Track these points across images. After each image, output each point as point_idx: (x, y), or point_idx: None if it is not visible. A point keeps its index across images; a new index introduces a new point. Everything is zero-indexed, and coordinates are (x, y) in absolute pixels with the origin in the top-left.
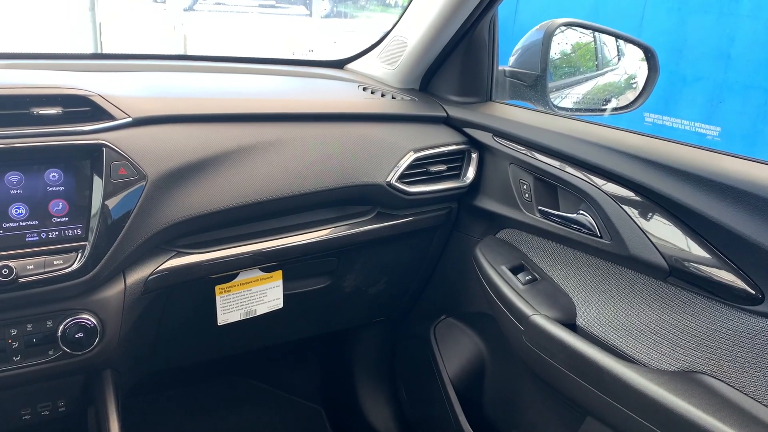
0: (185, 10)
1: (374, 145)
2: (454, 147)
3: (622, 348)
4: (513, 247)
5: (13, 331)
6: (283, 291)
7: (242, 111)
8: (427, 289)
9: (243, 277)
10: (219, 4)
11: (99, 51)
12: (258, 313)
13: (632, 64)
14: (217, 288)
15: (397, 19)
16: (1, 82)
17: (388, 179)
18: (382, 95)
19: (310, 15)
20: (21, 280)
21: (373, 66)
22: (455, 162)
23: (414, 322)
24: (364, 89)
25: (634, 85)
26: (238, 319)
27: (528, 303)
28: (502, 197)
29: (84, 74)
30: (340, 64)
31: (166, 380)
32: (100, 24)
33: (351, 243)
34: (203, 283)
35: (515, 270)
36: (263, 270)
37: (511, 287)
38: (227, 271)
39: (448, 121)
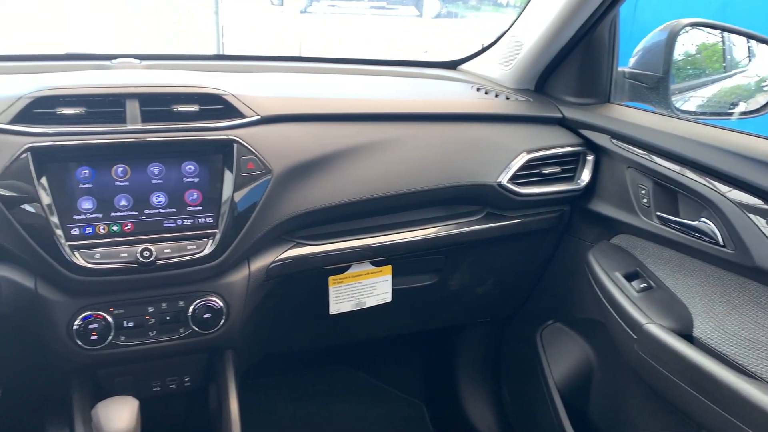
0: (301, 12)
1: (487, 146)
2: (568, 149)
3: (743, 363)
4: (628, 254)
5: (151, 309)
6: (392, 285)
7: (360, 111)
8: (535, 292)
9: (355, 269)
10: (332, 6)
11: (221, 52)
12: (367, 305)
13: (765, 66)
14: (331, 279)
15: (513, 20)
16: (146, 81)
17: (499, 180)
18: (496, 96)
19: (421, 16)
20: (159, 262)
21: (488, 67)
22: (569, 164)
23: (520, 324)
24: (478, 90)
25: (766, 88)
26: (349, 309)
27: (642, 311)
28: (618, 202)
29: (217, 75)
30: (453, 65)
31: (276, 365)
32: (222, 27)
33: (459, 242)
34: (318, 274)
35: (629, 277)
36: (374, 264)
37: (624, 294)
38: (340, 263)
39: (564, 122)
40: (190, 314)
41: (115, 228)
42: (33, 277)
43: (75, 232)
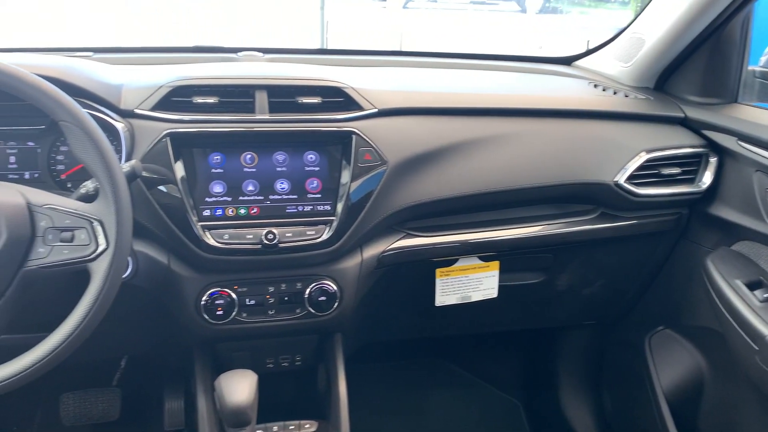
0: (403, 7)
1: (603, 144)
2: (690, 150)
3: None
4: (750, 262)
5: (271, 289)
6: (499, 281)
7: (475, 105)
8: (645, 296)
9: (462, 263)
10: (434, 1)
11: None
12: (473, 300)
13: None
14: (438, 271)
15: (634, 15)
16: (272, 73)
17: (616, 179)
18: (614, 93)
19: (524, 11)
20: (281, 245)
21: (605, 63)
22: (690, 165)
23: (627, 329)
24: (595, 86)
25: None
26: (454, 302)
27: (766, 322)
28: (743, 207)
29: (336, 68)
30: (567, 61)
31: (375, 353)
32: (327, 22)
33: (569, 241)
34: (426, 265)
35: (752, 286)
36: (482, 259)
37: (746, 304)
38: (448, 256)
39: (686, 122)
40: (306, 296)
41: (242, 211)
42: (167, 253)
43: (206, 213)
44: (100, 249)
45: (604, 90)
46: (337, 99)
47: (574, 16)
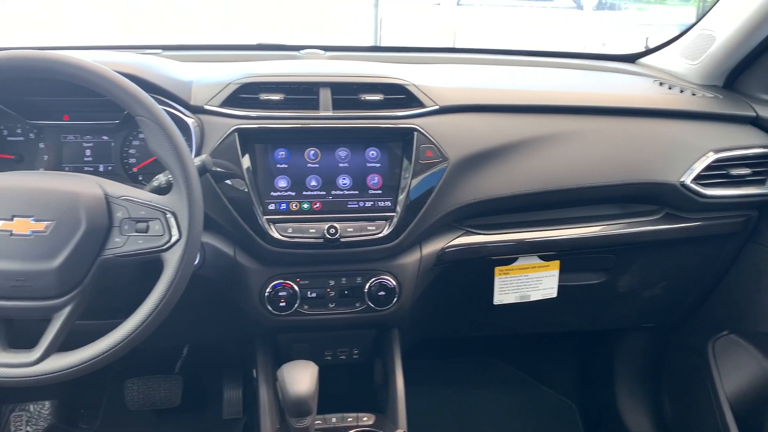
0: (458, 4)
1: (669, 143)
2: (761, 150)
3: None
4: None
5: (331, 282)
6: (558, 281)
7: (537, 103)
8: (709, 300)
9: (522, 262)
10: None
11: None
12: (531, 299)
13: None
14: (497, 269)
15: (701, 12)
16: (335, 71)
17: (682, 179)
18: (681, 91)
19: (580, 8)
20: (342, 239)
21: (671, 61)
22: (761, 166)
23: (689, 333)
24: (661, 84)
25: None
26: (513, 301)
27: None
28: None
29: (396, 65)
30: (631, 59)
31: (430, 349)
32: (381, 19)
33: (632, 242)
34: (485, 263)
35: None
36: (542, 258)
37: None
38: (508, 254)
39: (757, 122)
40: (366, 290)
41: (305, 206)
42: (232, 245)
43: (271, 207)
44: (173, 240)
45: (670, 88)
46: (399, 96)
47: (632, 12)
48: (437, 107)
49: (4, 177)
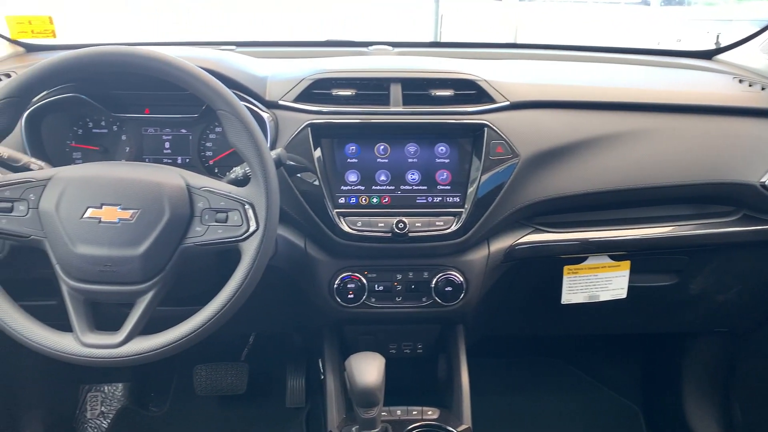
0: (520, 0)
1: (749, 142)
2: None
3: None
4: None
5: (399, 276)
6: (629, 282)
7: (609, 99)
8: None
9: (591, 261)
10: None
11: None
12: (600, 299)
13: None
14: (566, 268)
15: None
16: (405, 66)
17: (763, 180)
18: (762, 89)
19: (647, 3)
20: (410, 234)
21: (751, 57)
22: None
23: (764, 339)
24: (740, 81)
25: None
26: (581, 301)
27: None
28: None
29: (467, 61)
30: (707, 55)
31: (493, 347)
32: (441, 16)
33: (706, 243)
34: (553, 262)
35: None
36: (612, 258)
37: None
38: (578, 253)
39: None
40: (432, 285)
41: (374, 200)
42: (303, 237)
43: (341, 200)
44: (251, 230)
45: (750, 85)
46: (470, 91)
47: (701, 8)
48: (508, 103)
49: (93, 167)
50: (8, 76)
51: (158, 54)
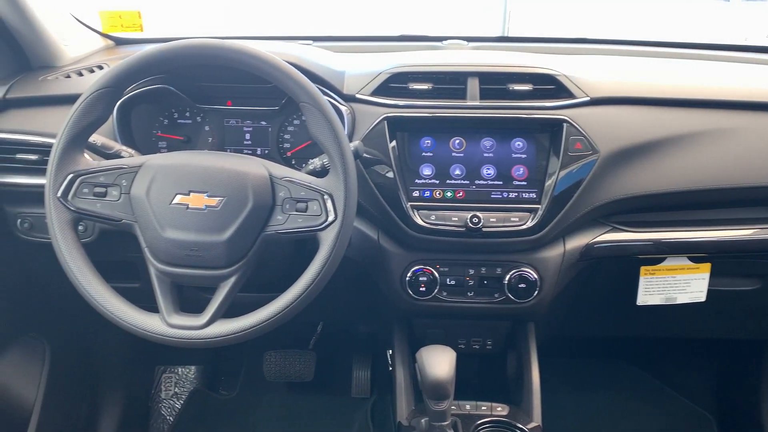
0: None
1: None
2: None
3: None
4: None
5: (471, 271)
6: (708, 285)
7: (692, 96)
8: None
9: (670, 262)
10: None
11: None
12: (678, 302)
13: None
14: (643, 269)
15: None
16: (483, 61)
17: None
18: None
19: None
20: (485, 229)
21: None
22: None
23: None
24: None
25: None
26: (657, 303)
27: None
28: None
29: (544, 56)
30: None
31: (562, 347)
32: (509, 12)
33: None
34: (629, 262)
35: None
36: (691, 260)
37: None
38: (656, 254)
39: None
40: (505, 282)
41: (449, 194)
42: (376, 229)
43: (416, 194)
44: (329, 220)
45: None
46: (549, 86)
47: None
48: (588, 98)
49: (181, 155)
50: (100, 67)
51: (246, 47)
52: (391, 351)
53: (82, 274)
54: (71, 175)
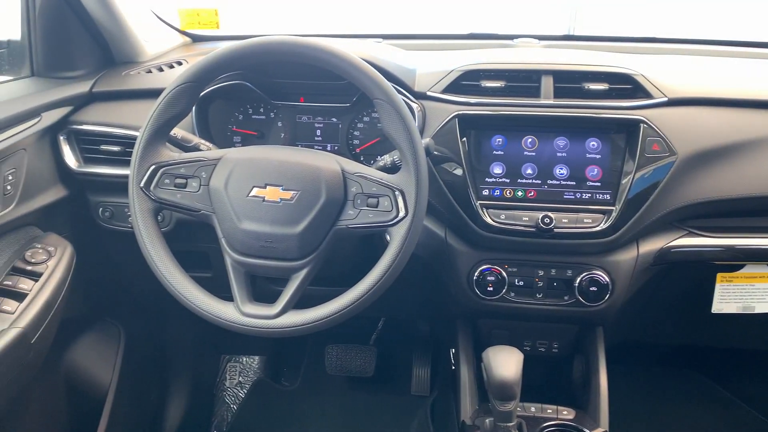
0: None
1: None
2: None
3: None
4: None
5: (540, 272)
6: None
7: None
8: None
9: (749, 270)
10: None
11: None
12: (756, 311)
13: None
14: (719, 275)
15: None
16: (556, 59)
17: None
18: None
19: None
20: (556, 230)
21: None
22: None
23: None
24: None
25: None
26: (733, 311)
27: None
28: None
29: (620, 55)
30: None
31: (629, 353)
32: (576, 10)
33: None
34: (706, 268)
35: None
36: None
37: None
38: (734, 260)
39: None
40: (576, 284)
41: (519, 193)
42: (443, 227)
43: (485, 192)
44: (400, 216)
45: None
46: (625, 86)
47: None
48: (666, 99)
49: (258, 150)
50: (179, 63)
51: (323, 44)
52: (454, 350)
53: (162, 262)
54: (154, 166)
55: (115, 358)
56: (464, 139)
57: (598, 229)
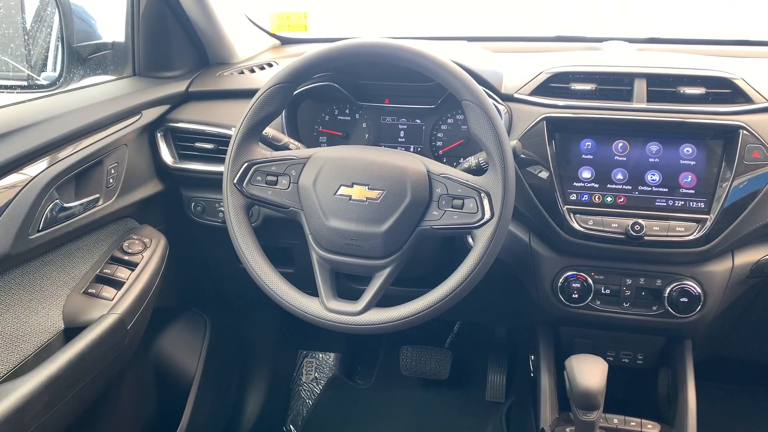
0: None
1: None
2: None
3: None
4: None
5: (628, 281)
6: None
7: None
8: None
9: None
10: None
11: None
12: None
13: None
14: None
15: None
16: (650, 63)
17: None
18: None
19: None
20: (646, 238)
21: None
22: None
23: None
24: None
25: None
26: None
27: None
28: None
29: (716, 58)
30: None
31: (715, 369)
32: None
33: None
34: None
35: None
36: None
37: None
38: None
39: None
40: (665, 295)
41: (608, 199)
42: (528, 231)
43: (573, 197)
44: (485, 218)
45: None
46: (724, 90)
47: None
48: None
49: (346, 149)
50: (270, 65)
51: (413, 47)
52: (533, 356)
53: (253, 256)
54: (247, 164)
55: (201, 348)
56: (552, 141)
57: (690, 238)
